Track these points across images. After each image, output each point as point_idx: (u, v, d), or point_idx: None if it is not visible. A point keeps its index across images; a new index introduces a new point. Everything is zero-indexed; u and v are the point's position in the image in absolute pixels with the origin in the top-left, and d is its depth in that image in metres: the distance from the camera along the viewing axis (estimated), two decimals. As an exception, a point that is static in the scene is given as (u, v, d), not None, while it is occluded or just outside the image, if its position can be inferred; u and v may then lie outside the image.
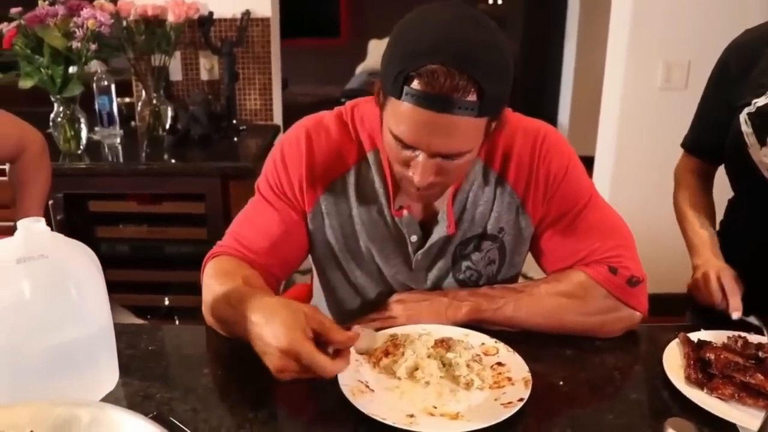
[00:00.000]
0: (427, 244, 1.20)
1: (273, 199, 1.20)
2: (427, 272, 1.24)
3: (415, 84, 0.94)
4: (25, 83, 2.37)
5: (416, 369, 1.01)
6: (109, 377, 0.99)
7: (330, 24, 6.40)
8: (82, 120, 2.49)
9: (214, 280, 1.11)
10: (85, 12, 2.29)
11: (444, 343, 1.06)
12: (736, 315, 1.19)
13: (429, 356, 1.03)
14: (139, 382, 1.01)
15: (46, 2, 2.40)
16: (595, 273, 1.15)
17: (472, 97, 0.94)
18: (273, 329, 0.90)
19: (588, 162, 2.75)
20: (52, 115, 2.44)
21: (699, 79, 2.85)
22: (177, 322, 2.63)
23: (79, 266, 0.92)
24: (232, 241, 1.18)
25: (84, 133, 2.51)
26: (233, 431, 0.91)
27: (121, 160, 2.56)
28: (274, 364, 0.90)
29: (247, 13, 2.78)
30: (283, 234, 1.19)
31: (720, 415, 0.93)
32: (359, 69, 5.96)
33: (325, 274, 1.29)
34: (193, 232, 2.55)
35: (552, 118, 5.30)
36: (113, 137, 2.64)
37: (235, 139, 2.76)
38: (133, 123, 2.88)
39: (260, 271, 1.16)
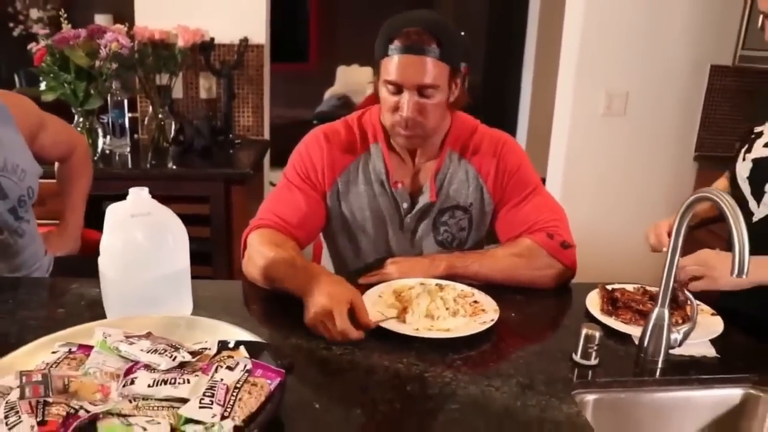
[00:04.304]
0: (415, 209, 1.61)
1: (300, 183, 1.59)
2: (413, 233, 1.64)
3: (397, 42, 1.43)
4: (47, 96, 2.70)
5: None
6: (188, 306, 1.33)
7: (300, 50, 6.57)
8: (99, 130, 2.82)
9: (267, 248, 1.45)
10: (109, 35, 2.64)
11: (438, 286, 1.45)
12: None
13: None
14: (207, 313, 1.36)
15: (70, 26, 2.76)
16: (537, 238, 1.54)
17: (435, 46, 1.42)
18: (329, 290, 1.26)
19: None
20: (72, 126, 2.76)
21: (636, 107, 3.28)
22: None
23: (172, 222, 1.28)
24: (271, 215, 1.55)
25: (100, 142, 2.84)
26: (279, 341, 1.26)
27: (130, 167, 2.89)
28: (315, 312, 1.24)
29: (245, 39, 3.15)
30: (308, 210, 1.57)
31: (622, 330, 1.34)
32: (327, 94, 6.21)
33: (335, 242, 1.67)
34: (196, 231, 2.84)
35: (510, 142, 5.63)
36: (124, 147, 2.97)
37: (231, 151, 3.11)
38: (136, 135, 3.20)
39: (291, 239, 1.52)
